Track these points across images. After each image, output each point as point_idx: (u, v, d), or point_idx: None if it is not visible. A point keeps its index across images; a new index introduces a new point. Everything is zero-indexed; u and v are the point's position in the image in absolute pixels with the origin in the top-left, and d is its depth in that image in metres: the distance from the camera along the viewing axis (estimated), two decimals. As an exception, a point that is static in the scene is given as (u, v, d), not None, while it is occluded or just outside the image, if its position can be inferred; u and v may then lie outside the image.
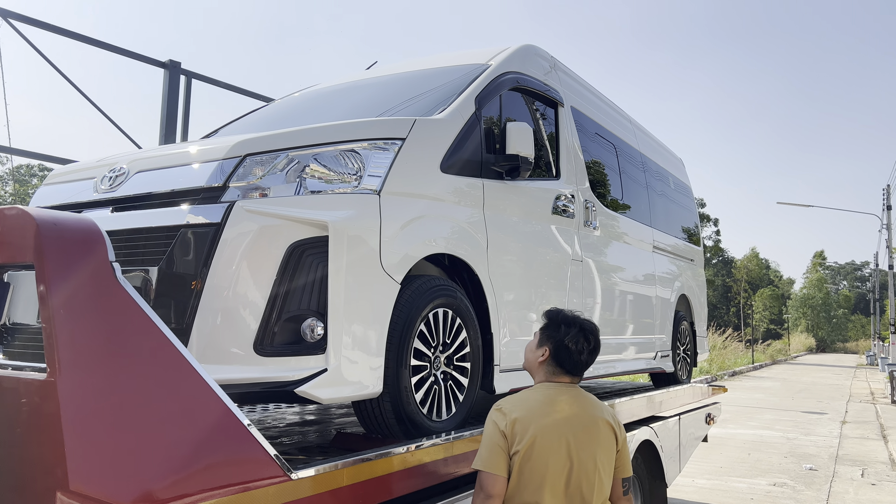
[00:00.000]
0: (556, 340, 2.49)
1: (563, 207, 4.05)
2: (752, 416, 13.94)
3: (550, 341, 2.50)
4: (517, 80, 3.83)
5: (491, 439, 2.35)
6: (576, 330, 2.49)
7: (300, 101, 4.32)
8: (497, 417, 2.38)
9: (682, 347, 6.28)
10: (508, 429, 2.33)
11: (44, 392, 1.55)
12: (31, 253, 1.60)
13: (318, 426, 3.56)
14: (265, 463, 1.94)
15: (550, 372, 2.52)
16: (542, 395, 2.45)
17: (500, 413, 2.39)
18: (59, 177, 3.14)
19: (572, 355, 2.47)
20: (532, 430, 2.32)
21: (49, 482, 1.51)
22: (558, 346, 2.47)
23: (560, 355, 2.48)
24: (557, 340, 2.48)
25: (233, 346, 2.43)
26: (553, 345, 2.49)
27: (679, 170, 7.18)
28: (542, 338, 2.55)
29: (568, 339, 2.46)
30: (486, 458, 2.33)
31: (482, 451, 2.36)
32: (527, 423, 2.33)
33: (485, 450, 2.35)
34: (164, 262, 2.47)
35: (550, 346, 2.49)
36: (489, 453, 2.33)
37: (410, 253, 2.78)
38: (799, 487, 7.90)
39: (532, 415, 2.35)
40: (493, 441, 2.34)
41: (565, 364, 2.48)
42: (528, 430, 2.32)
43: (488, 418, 2.42)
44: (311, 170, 2.64)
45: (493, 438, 2.35)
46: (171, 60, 6.66)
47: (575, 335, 2.47)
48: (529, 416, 2.35)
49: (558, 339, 2.48)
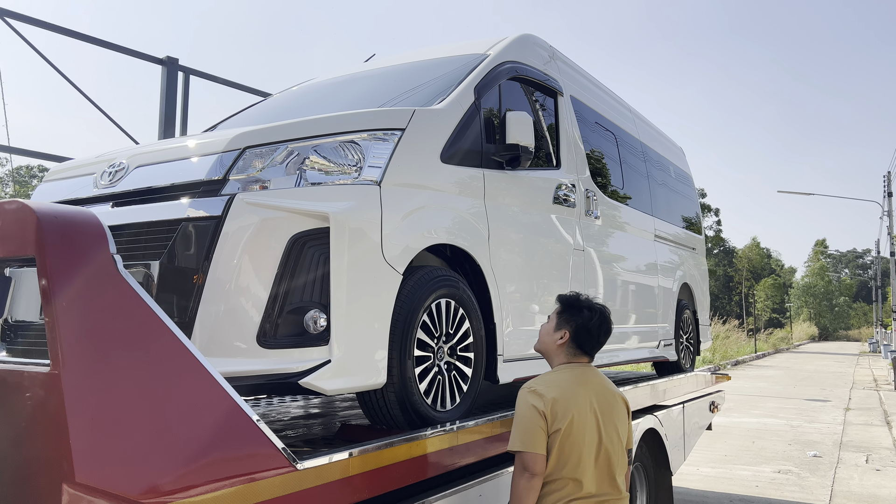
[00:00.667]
0: (577, 323, 2.67)
1: (564, 197, 4.04)
2: (756, 405, 13.96)
3: (571, 324, 2.69)
4: (516, 69, 3.82)
5: (530, 421, 2.49)
6: (597, 315, 2.69)
7: (299, 95, 4.31)
8: (534, 400, 2.52)
9: (684, 336, 6.28)
10: (548, 409, 2.49)
11: (48, 385, 1.54)
12: (33, 246, 1.59)
13: (323, 419, 3.57)
14: (271, 454, 1.94)
15: (571, 353, 2.70)
16: (570, 374, 2.62)
17: (536, 395, 2.53)
18: (58, 173, 3.13)
19: (592, 337, 2.66)
20: (571, 408, 2.50)
21: (55, 475, 1.51)
22: (579, 328, 2.67)
23: (581, 337, 2.67)
24: (579, 324, 2.67)
25: (236, 338, 2.43)
26: (574, 327, 2.67)
27: (680, 159, 7.16)
28: (561, 321, 2.72)
29: (591, 323, 2.66)
30: (526, 439, 2.47)
31: (521, 433, 2.49)
32: (565, 402, 2.50)
33: (524, 431, 2.49)
34: (165, 256, 2.47)
35: (571, 329, 2.68)
36: (529, 434, 2.47)
37: (412, 244, 2.77)
38: (803, 474, 7.91)
39: (567, 394, 2.52)
40: (533, 422, 2.48)
41: (585, 345, 2.68)
42: (568, 409, 2.49)
43: (523, 401, 2.55)
44: (311, 161, 2.63)
45: (532, 420, 2.49)
46: (169, 57, 6.64)
47: (597, 320, 2.67)
48: (566, 395, 2.52)
49: (580, 322, 2.67)
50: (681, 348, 6.14)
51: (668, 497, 5.05)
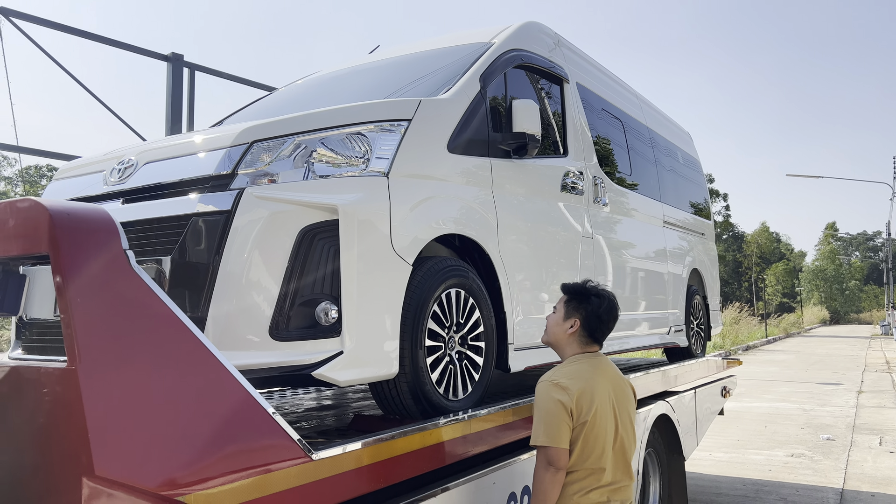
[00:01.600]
0: (587, 311, 2.65)
1: (572, 184, 4.03)
2: (768, 389, 13.93)
3: (580, 312, 2.66)
4: (521, 57, 3.81)
5: (555, 415, 2.46)
6: (606, 301, 2.67)
7: (305, 88, 4.31)
8: (559, 394, 2.48)
9: (695, 322, 6.27)
10: (574, 403, 2.47)
11: (65, 381, 1.56)
12: (46, 244, 1.61)
13: (336, 410, 3.59)
14: (286, 445, 1.95)
15: (583, 343, 2.68)
16: (588, 365, 2.61)
17: (560, 389, 2.49)
18: (68, 172, 3.15)
19: (602, 324, 2.65)
20: (595, 400, 2.50)
21: (74, 469, 1.53)
22: (589, 316, 2.65)
23: (591, 325, 2.65)
24: (589, 311, 2.65)
25: (248, 332, 2.45)
26: (584, 315, 2.65)
27: (687, 144, 7.12)
28: (569, 310, 2.70)
29: (601, 310, 2.64)
30: (552, 434, 2.45)
31: (546, 427, 2.46)
32: (590, 394, 2.50)
33: (548, 426, 2.46)
34: (176, 251, 2.48)
35: (581, 317, 2.66)
36: (555, 429, 2.45)
37: (421, 234, 2.78)
38: (817, 457, 7.90)
39: (591, 386, 2.52)
40: (558, 417, 2.46)
41: (596, 333, 2.66)
42: (592, 402, 2.49)
43: (546, 395, 2.51)
44: (319, 154, 2.64)
45: (557, 414, 2.46)
46: (174, 53, 6.66)
47: (606, 306, 2.66)
48: (590, 387, 2.52)
49: (590, 309, 2.65)
50: (691, 334, 6.13)
51: (681, 482, 5.06)
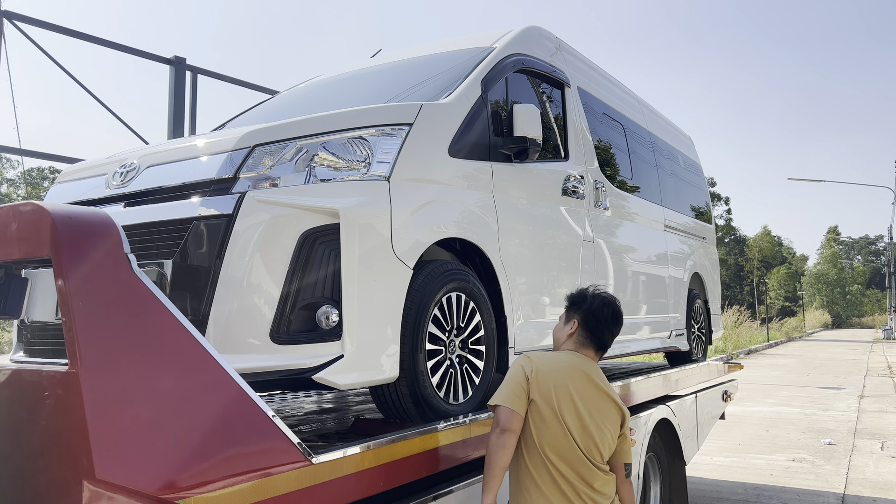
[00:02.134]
0: (583, 310, 2.70)
1: (573, 188, 4.04)
2: (770, 394, 13.91)
3: (578, 312, 2.71)
4: (522, 61, 3.82)
5: (514, 379, 2.54)
6: (599, 299, 2.70)
7: (306, 92, 4.32)
8: (524, 362, 2.58)
9: (696, 326, 6.27)
10: (533, 375, 2.52)
11: (67, 384, 1.57)
12: (48, 247, 1.62)
13: (337, 413, 3.59)
14: (286, 448, 1.96)
15: (579, 343, 2.70)
16: (567, 359, 2.63)
17: (528, 360, 2.59)
18: (70, 175, 3.16)
19: (600, 322, 2.66)
20: (551, 386, 2.51)
21: (75, 472, 1.54)
22: (587, 314, 2.69)
23: (589, 323, 2.68)
24: (585, 310, 2.70)
25: (249, 335, 2.45)
26: (581, 315, 2.70)
27: (688, 148, 7.13)
28: (569, 313, 2.76)
29: (595, 306, 2.68)
30: (506, 395, 2.51)
31: (503, 389, 2.54)
32: (551, 377, 2.53)
33: (506, 388, 2.53)
34: (177, 254, 2.49)
35: (579, 317, 2.70)
36: (510, 391, 2.51)
37: (421, 238, 2.79)
38: (818, 462, 7.88)
39: (555, 372, 2.55)
40: (516, 381, 2.53)
41: (595, 331, 2.68)
42: (550, 386, 2.51)
43: (515, 362, 2.62)
44: (321, 158, 2.64)
45: (516, 378, 2.54)
46: (177, 56, 6.68)
47: (599, 302, 2.69)
48: (553, 371, 2.55)
49: (585, 308, 2.70)
50: (692, 338, 6.13)
51: (681, 487, 5.06)
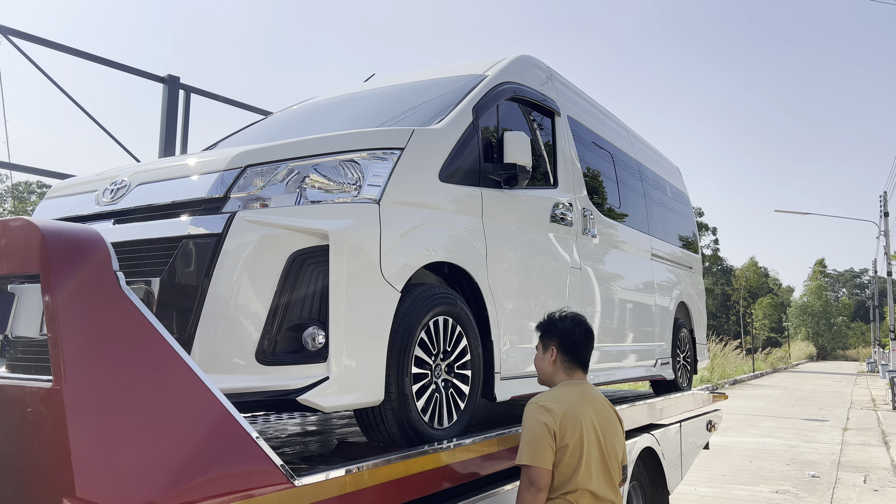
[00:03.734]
0: (557, 336, 2.76)
1: (562, 216, 4.07)
2: (754, 424, 13.92)
3: (554, 339, 2.77)
4: (514, 90, 3.87)
5: (539, 437, 2.53)
6: (569, 321, 2.79)
7: (299, 113, 4.36)
8: (544, 416, 2.56)
9: (681, 355, 6.29)
10: (558, 425, 2.54)
11: (50, 400, 1.56)
12: (37, 263, 1.62)
13: (320, 436, 3.57)
14: (269, 470, 1.95)
15: (566, 369, 2.76)
16: (574, 391, 2.68)
17: (545, 411, 2.57)
18: (60, 191, 3.16)
19: (574, 342, 2.74)
20: (578, 424, 2.56)
21: (56, 489, 1.52)
22: (562, 339, 2.75)
23: (566, 345, 2.75)
24: (559, 336, 2.76)
25: (235, 355, 2.44)
26: (557, 341, 2.76)
27: (676, 178, 7.21)
28: (544, 341, 2.81)
29: (567, 328, 2.75)
30: (535, 454, 2.51)
31: (530, 448, 2.53)
32: (574, 418, 2.57)
33: (532, 446, 2.53)
34: (165, 273, 2.49)
35: (556, 344, 2.76)
36: (538, 450, 2.52)
37: (410, 261, 2.80)
38: (801, 494, 7.88)
39: (575, 410, 2.59)
40: (542, 438, 2.53)
41: (574, 352, 2.75)
42: (576, 425, 2.56)
43: (532, 416, 2.59)
44: (311, 180, 2.66)
45: (541, 436, 2.53)
46: (170, 75, 6.71)
47: (570, 324, 2.77)
48: (574, 411, 2.58)
49: (558, 333, 2.76)
50: (678, 367, 6.15)
51: (665, 516, 5.04)
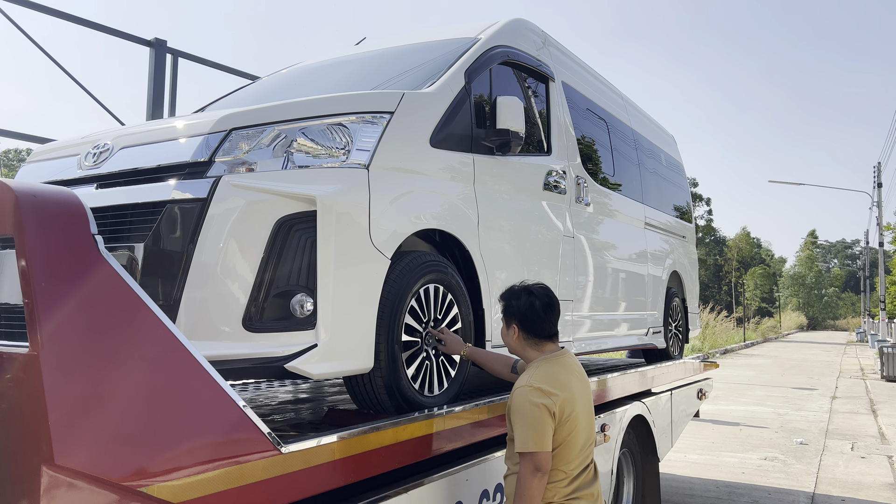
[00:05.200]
0: (515, 315, 2.67)
1: (555, 183, 4.02)
2: (744, 393, 14.06)
3: (513, 318, 2.69)
4: (507, 54, 3.79)
5: (541, 420, 2.45)
6: (525, 296, 2.67)
7: (288, 77, 4.27)
8: (543, 398, 2.47)
9: (673, 324, 6.30)
10: (558, 409, 2.48)
11: (27, 367, 1.52)
12: (11, 226, 1.56)
13: (310, 404, 3.56)
14: (255, 437, 1.92)
15: (534, 345, 2.68)
16: (558, 366, 2.60)
17: (542, 393, 2.48)
18: (42, 154, 3.09)
19: (533, 319, 2.65)
20: (572, 399, 2.52)
21: (34, 457, 1.49)
22: (520, 317, 2.66)
23: (525, 324, 2.66)
24: (516, 314, 2.67)
25: (221, 322, 2.41)
26: (517, 319, 2.67)
27: (671, 147, 7.15)
28: (506, 319, 2.73)
29: (523, 306, 2.65)
30: (540, 439, 2.44)
31: (534, 433, 2.44)
32: (569, 394, 2.52)
33: (536, 432, 2.45)
34: (150, 238, 2.44)
35: (516, 322, 2.68)
36: (542, 434, 2.45)
37: (400, 229, 2.75)
38: (789, 461, 7.98)
39: (567, 386, 2.54)
40: (544, 422, 2.46)
41: (535, 330, 2.66)
42: (572, 401, 2.52)
43: (528, 401, 2.48)
44: (299, 144, 2.60)
45: (543, 419, 2.46)
46: (157, 39, 6.56)
47: (526, 300, 2.66)
48: (567, 388, 2.54)
49: (515, 311, 2.67)
50: (669, 336, 6.16)
51: (654, 483, 5.09)
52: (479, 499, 2.93)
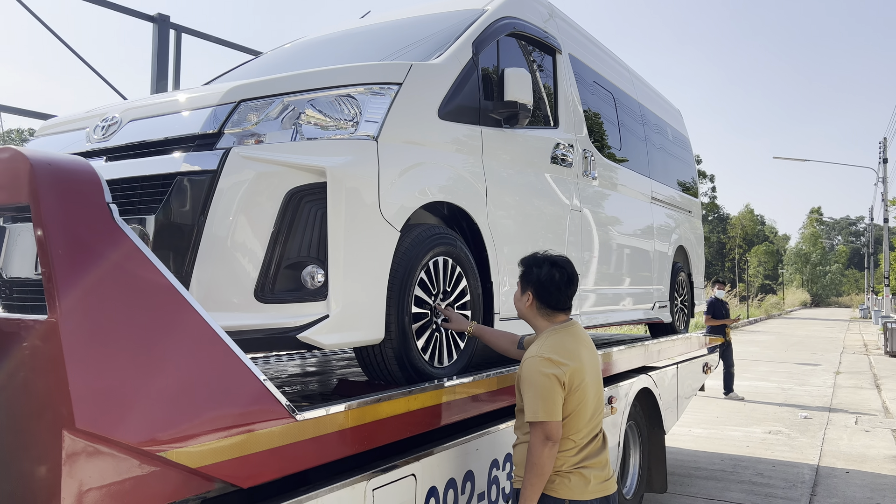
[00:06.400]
0: (534, 282, 2.68)
1: (562, 157, 4.01)
2: (748, 369, 14.12)
3: (530, 285, 2.70)
4: (515, 25, 3.76)
5: (551, 390, 2.48)
6: (547, 266, 2.68)
7: (294, 51, 4.24)
8: (553, 369, 2.49)
9: (679, 298, 6.31)
10: (568, 379, 2.50)
11: (46, 333, 1.54)
12: (27, 194, 1.57)
13: (321, 376, 3.59)
14: (270, 404, 1.94)
15: (545, 314, 2.70)
16: (569, 337, 2.63)
17: (552, 363, 2.50)
18: (50, 128, 3.09)
19: (551, 291, 2.66)
20: (582, 369, 2.55)
21: (55, 422, 1.51)
22: (538, 286, 2.67)
23: (541, 294, 2.67)
24: (534, 281, 2.68)
25: (233, 293, 2.42)
26: (533, 287, 2.68)
27: (677, 121, 7.11)
28: (522, 284, 2.75)
29: (543, 276, 2.66)
30: (550, 409, 2.47)
31: (544, 403, 2.46)
32: (579, 364, 2.55)
33: (546, 401, 2.47)
34: (160, 211, 2.44)
35: (532, 289, 2.69)
36: (552, 404, 2.47)
37: (409, 202, 2.75)
38: (794, 435, 8.03)
39: (578, 359, 2.56)
40: (555, 391, 2.48)
41: (551, 301, 2.68)
42: (582, 371, 2.54)
43: (538, 371, 2.50)
44: (307, 115, 2.59)
45: (553, 389, 2.48)
46: (161, 14, 6.52)
47: (548, 271, 2.67)
48: (577, 358, 2.56)
49: (536, 279, 2.68)
50: (675, 310, 6.17)
51: (660, 456, 5.13)
52: (489, 468, 2.97)
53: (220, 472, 1.78)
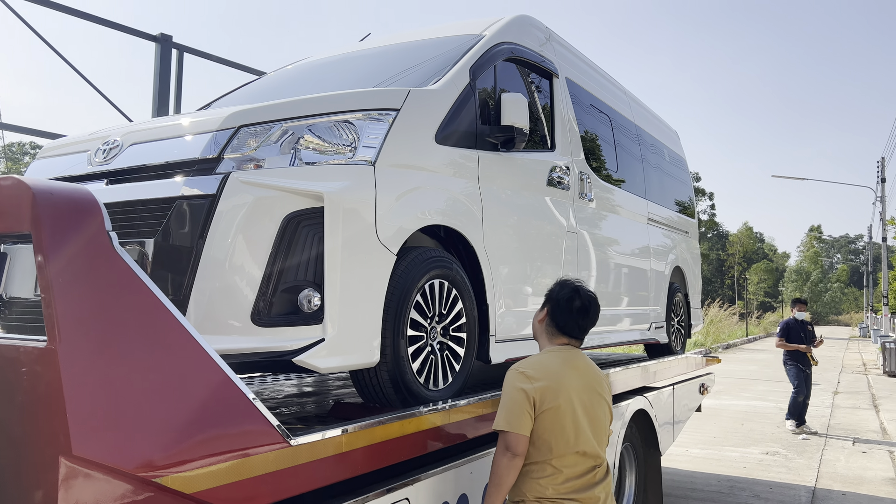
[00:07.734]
0: (552, 300, 2.75)
1: (559, 179, 4.05)
2: (746, 388, 14.10)
3: (549, 302, 2.77)
4: (512, 50, 3.81)
5: (517, 403, 2.51)
6: (569, 290, 2.73)
7: (294, 74, 4.29)
8: (523, 383, 2.53)
9: (676, 319, 6.33)
10: (538, 393, 2.51)
11: (45, 359, 1.56)
12: (28, 223, 1.60)
13: (316, 397, 3.60)
14: (265, 430, 1.96)
15: (550, 334, 2.74)
16: (558, 358, 2.65)
17: (525, 378, 2.55)
18: (52, 150, 3.13)
19: (563, 312, 2.70)
20: (559, 393, 2.53)
21: (52, 448, 1.53)
22: (554, 304, 2.73)
23: (554, 312, 2.72)
24: (553, 299, 2.74)
25: (230, 316, 2.44)
26: (550, 304, 2.75)
27: (674, 142, 7.17)
28: (545, 301, 2.81)
29: (562, 296, 2.71)
30: (512, 420, 2.50)
31: (507, 414, 2.51)
32: (555, 387, 2.53)
33: (510, 413, 2.51)
34: (159, 234, 2.48)
35: (548, 306, 2.75)
36: (515, 416, 2.50)
37: (406, 224, 2.79)
38: (791, 455, 8.02)
39: (556, 378, 2.56)
40: (520, 405, 2.50)
41: (560, 321, 2.71)
42: (557, 394, 2.53)
43: (511, 384, 2.57)
44: (306, 141, 2.63)
45: (519, 402, 2.51)
46: (163, 34, 6.59)
47: (568, 294, 2.71)
48: (556, 379, 2.55)
49: (553, 297, 2.75)
50: (672, 331, 6.19)
51: (656, 477, 5.12)
52: (483, 491, 2.97)
53: (214, 497, 1.79)
